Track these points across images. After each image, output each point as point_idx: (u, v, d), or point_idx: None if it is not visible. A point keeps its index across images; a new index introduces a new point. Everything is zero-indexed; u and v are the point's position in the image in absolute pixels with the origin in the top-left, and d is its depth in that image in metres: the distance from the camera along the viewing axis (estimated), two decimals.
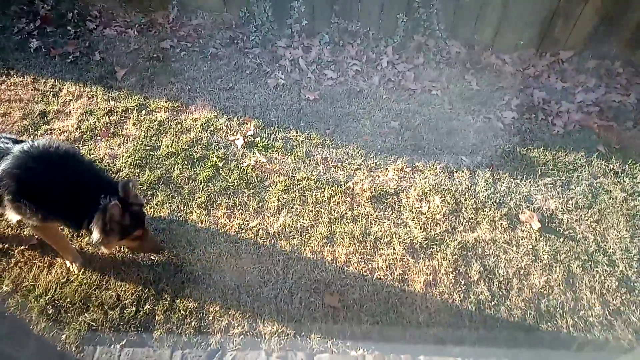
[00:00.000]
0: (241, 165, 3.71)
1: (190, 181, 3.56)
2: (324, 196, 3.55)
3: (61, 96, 4.17)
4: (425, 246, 3.29)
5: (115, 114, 4.04)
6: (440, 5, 4.59)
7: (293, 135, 4.02)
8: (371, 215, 3.46)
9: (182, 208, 3.38)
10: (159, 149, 3.77)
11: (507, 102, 4.51)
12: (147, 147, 3.77)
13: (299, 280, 3.05)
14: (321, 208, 3.48)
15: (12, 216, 2.49)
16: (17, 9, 4.98)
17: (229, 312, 2.87)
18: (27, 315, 2.75)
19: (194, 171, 3.63)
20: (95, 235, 2.39)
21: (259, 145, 3.89)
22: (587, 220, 3.52)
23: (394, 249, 3.26)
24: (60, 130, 3.84)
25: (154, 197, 3.43)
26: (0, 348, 1.92)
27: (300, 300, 2.95)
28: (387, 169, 3.81)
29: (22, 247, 3.07)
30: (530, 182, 3.77)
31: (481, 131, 4.22)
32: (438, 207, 3.54)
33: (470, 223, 3.45)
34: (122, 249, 3.08)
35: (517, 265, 3.22)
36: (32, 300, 2.82)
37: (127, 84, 4.36)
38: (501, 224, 3.46)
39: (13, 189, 2.34)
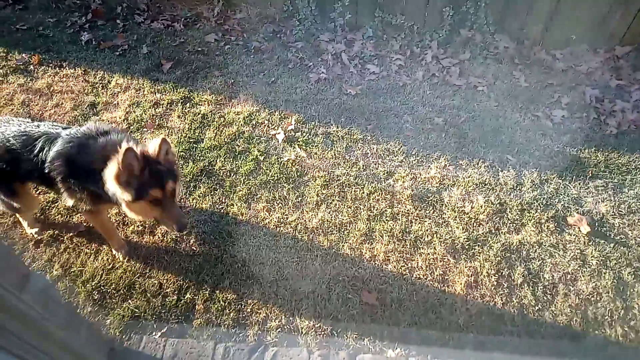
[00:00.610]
0: (281, 159, 3.72)
1: (232, 174, 3.60)
2: (364, 193, 3.52)
3: (110, 88, 4.30)
4: (467, 247, 3.21)
5: (161, 106, 4.14)
6: None
7: (333, 131, 4.00)
8: (412, 213, 3.40)
9: (223, 200, 3.43)
10: (202, 142, 3.83)
11: (557, 99, 4.33)
12: (191, 140, 3.84)
13: (337, 277, 3.04)
14: (360, 205, 3.45)
15: (67, 199, 2.61)
16: (71, 3, 5.19)
17: (267, 305, 2.89)
18: (74, 299, 2.86)
19: (236, 164, 3.67)
20: (110, 184, 2.28)
21: (299, 139, 3.89)
22: None
23: (434, 248, 3.20)
24: (108, 121, 3.96)
25: (197, 188, 3.49)
26: (60, 336, 1.99)
27: (337, 297, 2.94)
28: (429, 166, 3.73)
29: (71, 234, 3.19)
30: (579, 184, 3.61)
31: (529, 129, 4.07)
32: (481, 207, 3.44)
33: (514, 224, 3.34)
34: (165, 236, 3.16)
35: (564, 270, 3.09)
36: (80, 285, 2.94)
37: (172, 77, 4.45)
38: (547, 226, 3.33)
39: (63, 170, 2.46)
